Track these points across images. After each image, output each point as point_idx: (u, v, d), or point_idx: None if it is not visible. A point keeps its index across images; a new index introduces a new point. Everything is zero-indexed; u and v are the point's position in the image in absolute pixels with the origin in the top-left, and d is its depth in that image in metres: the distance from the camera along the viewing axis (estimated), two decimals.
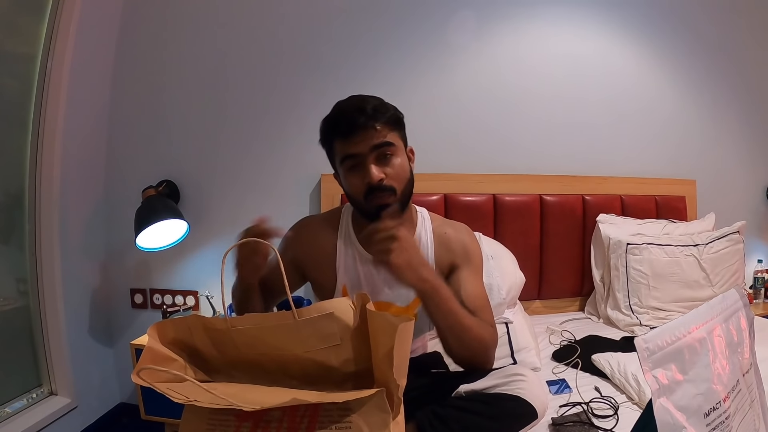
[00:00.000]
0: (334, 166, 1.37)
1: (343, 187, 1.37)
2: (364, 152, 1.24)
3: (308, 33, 2.56)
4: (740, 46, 3.15)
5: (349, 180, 1.29)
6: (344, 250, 1.39)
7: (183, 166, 2.54)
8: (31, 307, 2.24)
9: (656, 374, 0.61)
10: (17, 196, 2.19)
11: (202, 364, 0.80)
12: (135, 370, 0.72)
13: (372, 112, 1.24)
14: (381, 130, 1.24)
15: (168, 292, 2.55)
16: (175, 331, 0.77)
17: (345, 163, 1.28)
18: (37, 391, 2.24)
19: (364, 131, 1.23)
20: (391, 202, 1.26)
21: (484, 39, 2.74)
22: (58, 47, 2.16)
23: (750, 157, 3.25)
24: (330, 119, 1.31)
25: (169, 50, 2.51)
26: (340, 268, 1.39)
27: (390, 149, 1.27)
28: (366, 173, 1.24)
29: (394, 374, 0.68)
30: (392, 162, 1.27)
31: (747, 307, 0.83)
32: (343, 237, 1.40)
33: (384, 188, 1.25)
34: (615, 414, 1.52)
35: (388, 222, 1.14)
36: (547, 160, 2.81)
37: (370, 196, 1.26)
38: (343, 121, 1.26)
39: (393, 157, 1.28)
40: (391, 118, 1.28)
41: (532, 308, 2.70)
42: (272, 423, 0.71)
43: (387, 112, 1.27)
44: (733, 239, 2.65)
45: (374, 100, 1.28)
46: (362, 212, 1.34)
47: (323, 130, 1.34)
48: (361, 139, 1.24)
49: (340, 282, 1.38)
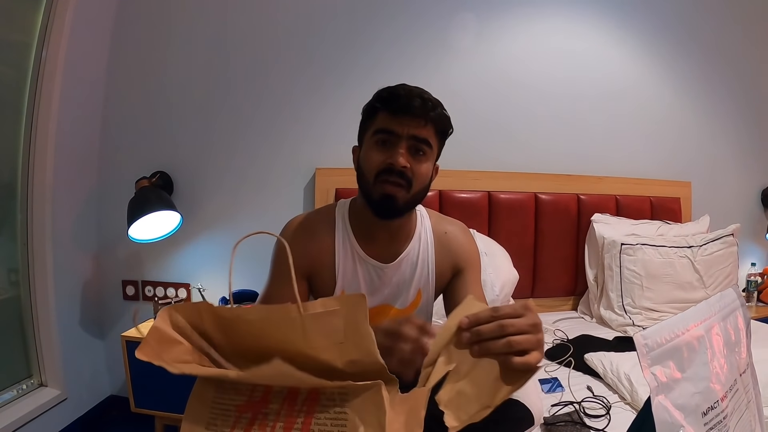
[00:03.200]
0: (362, 138, 1.30)
1: (358, 161, 1.30)
2: (402, 134, 1.18)
3: (304, 27, 2.55)
4: (737, 48, 3.16)
5: (371, 153, 1.22)
6: (343, 254, 1.33)
7: (177, 157, 2.52)
8: (22, 298, 2.23)
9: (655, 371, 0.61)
10: (10, 185, 2.16)
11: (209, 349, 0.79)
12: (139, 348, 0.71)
13: (430, 105, 1.19)
14: (427, 126, 1.20)
15: (160, 284, 2.53)
16: (186, 315, 0.76)
17: (377, 135, 1.21)
18: (26, 383, 2.22)
19: (413, 116, 1.17)
20: (399, 197, 1.20)
21: (480, 36, 2.73)
22: (54, 36, 2.14)
23: (745, 160, 3.26)
24: (387, 90, 1.23)
25: (165, 42, 2.49)
26: (339, 270, 1.33)
27: (425, 148, 1.21)
28: (393, 153, 1.18)
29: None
30: (421, 160, 1.22)
31: (744, 306, 0.83)
32: (341, 239, 1.34)
33: (403, 175, 1.19)
34: (607, 414, 1.52)
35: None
36: (542, 159, 2.81)
37: (383, 176, 1.19)
38: (400, 97, 1.19)
39: (424, 157, 1.22)
40: (442, 123, 1.24)
41: None
42: (270, 415, 0.71)
43: (442, 114, 1.22)
44: (727, 242, 2.66)
45: (436, 99, 1.23)
46: (366, 196, 1.26)
47: (375, 98, 1.25)
48: (407, 122, 1.18)
49: (339, 285, 1.33)
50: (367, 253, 1.33)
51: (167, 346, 0.74)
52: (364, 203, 1.27)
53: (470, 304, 0.80)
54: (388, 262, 1.33)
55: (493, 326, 0.74)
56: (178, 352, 0.75)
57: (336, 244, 1.33)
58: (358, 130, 1.32)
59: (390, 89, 1.22)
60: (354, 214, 1.36)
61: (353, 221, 1.35)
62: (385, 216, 1.25)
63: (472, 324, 0.76)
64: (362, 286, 1.34)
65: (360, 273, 1.34)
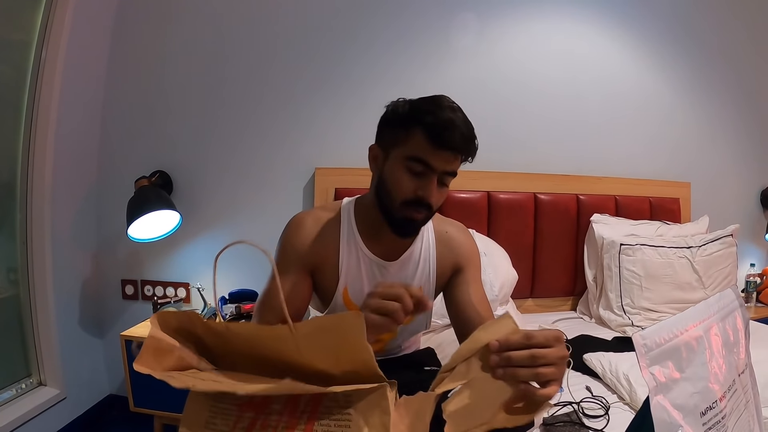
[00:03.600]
0: (388, 146, 1.24)
1: (382, 172, 1.25)
2: (438, 170, 1.16)
3: (304, 27, 2.55)
4: (738, 51, 3.16)
5: (401, 178, 1.18)
6: (347, 251, 1.32)
7: (177, 157, 2.52)
8: (21, 297, 2.23)
9: (653, 371, 0.61)
10: (9, 184, 2.17)
11: (206, 352, 0.79)
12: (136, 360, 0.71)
13: (470, 144, 1.17)
14: (459, 162, 1.19)
15: (159, 284, 2.53)
16: (178, 320, 0.76)
17: (412, 163, 1.17)
18: (26, 382, 2.22)
19: (453, 154, 1.15)
20: (420, 220, 1.22)
21: (480, 36, 2.73)
22: (54, 35, 2.15)
23: (744, 161, 3.27)
24: (434, 114, 1.15)
25: (165, 41, 2.49)
26: (343, 269, 1.32)
27: (451, 179, 1.22)
28: (426, 188, 1.16)
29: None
30: (444, 190, 1.22)
31: (743, 307, 0.83)
32: (345, 236, 1.33)
33: (428, 207, 1.19)
34: (606, 414, 1.52)
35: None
36: (542, 159, 2.81)
37: (410, 206, 1.19)
38: (447, 131, 1.13)
39: (447, 186, 1.23)
40: (473, 153, 1.21)
41: (524, 307, 2.70)
42: (272, 415, 0.70)
43: (475, 144, 1.19)
44: (727, 242, 2.66)
45: (468, 120, 1.18)
46: (386, 212, 1.24)
47: (413, 116, 1.18)
48: (446, 159, 1.15)
49: (342, 281, 1.33)
50: (371, 251, 1.32)
51: (165, 353, 0.73)
52: (377, 211, 1.26)
53: (504, 324, 0.79)
54: (391, 259, 1.34)
55: (525, 355, 0.75)
56: (177, 357, 0.75)
57: (341, 241, 1.33)
58: (383, 132, 1.26)
59: (437, 114, 1.14)
60: (360, 213, 1.35)
61: (359, 219, 1.34)
62: (404, 236, 1.26)
63: (503, 348, 0.75)
64: (365, 283, 1.33)
65: (363, 270, 1.33)
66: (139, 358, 0.70)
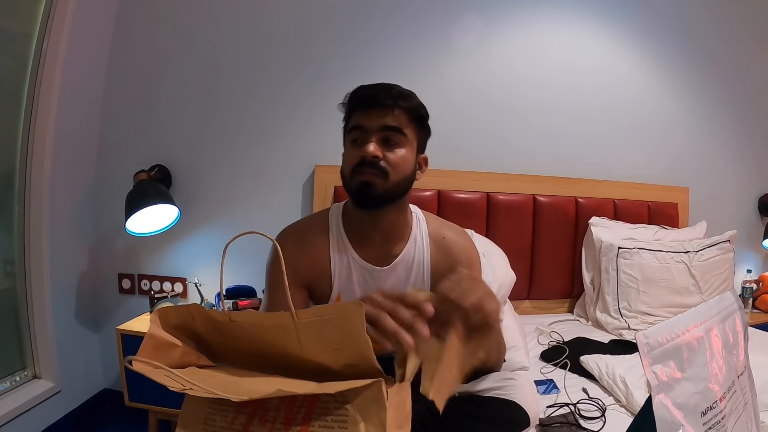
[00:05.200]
0: (344, 138, 1.31)
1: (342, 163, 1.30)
2: (372, 128, 1.18)
3: (303, 24, 2.55)
4: (740, 58, 3.17)
5: (347, 152, 1.24)
6: (338, 258, 1.32)
7: (176, 151, 2.52)
8: (18, 290, 2.22)
9: (655, 370, 0.61)
10: (7, 176, 2.16)
11: (205, 349, 0.79)
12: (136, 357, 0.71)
13: (396, 95, 1.19)
14: (398, 116, 1.19)
15: (156, 278, 2.53)
16: (178, 316, 0.76)
17: (351, 134, 1.23)
18: (20, 374, 2.22)
19: (380, 108, 1.18)
20: (376, 183, 1.19)
21: (481, 38, 2.73)
22: (55, 28, 2.14)
23: (744, 167, 3.28)
24: (355, 90, 1.26)
25: (165, 36, 2.49)
26: (335, 275, 1.32)
27: (398, 137, 1.20)
28: (364, 147, 1.18)
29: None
30: (396, 150, 1.20)
31: (742, 309, 0.83)
32: (335, 242, 1.33)
33: (376, 166, 1.18)
34: (602, 416, 1.52)
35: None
36: (541, 161, 2.81)
37: (358, 169, 1.19)
38: (365, 93, 1.22)
39: (398, 146, 1.21)
40: (413, 110, 1.23)
41: (521, 308, 2.70)
42: (270, 412, 0.70)
43: (411, 101, 1.22)
44: (724, 248, 2.67)
45: (405, 90, 1.24)
46: (348, 190, 1.26)
47: (346, 99, 1.28)
48: (375, 115, 1.19)
49: (335, 289, 1.33)
50: (362, 256, 1.32)
51: (164, 351, 0.73)
52: (359, 211, 1.27)
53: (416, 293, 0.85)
54: (383, 265, 1.33)
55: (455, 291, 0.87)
56: (176, 355, 0.75)
57: (331, 249, 1.32)
58: (343, 135, 1.32)
59: (359, 87, 1.25)
60: (347, 218, 1.35)
61: (347, 224, 1.34)
62: (367, 205, 1.24)
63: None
64: (356, 290, 1.33)
65: (355, 277, 1.33)
66: (138, 356, 0.70)
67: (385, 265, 1.33)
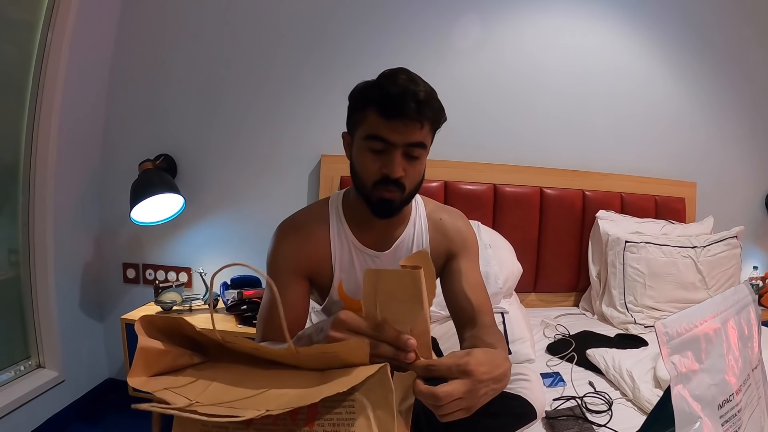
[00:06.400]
0: (351, 130, 1.23)
1: (351, 157, 1.25)
2: (398, 143, 1.13)
3: (311, 11, 2.54)
4: (749, 53, 3.14)
5: (366, 160, 1.17)
6: (339, 245, 1.32)
7: (182, 140, 2.51)
8: (22, 279, 2.22)
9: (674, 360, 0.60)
10: (12, 166, 2.15)
11: (199, 348, 0.77)
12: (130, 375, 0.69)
13: (422, 102, 1.10)
14: (423, 129, 1.13)
15: (161, 268, 2.53)
16: (164, 322, 0.74)
17: (370, 141, 1.15)
18: (24, 364, 2.22)
19: (409, 122, 1.10)
20: (396, 200, 1.18)
21: (488, 29, 2.71)
22: (60, 17, 2.13)
23: (751, 163, 3.25)
24: (378, 88, 1.13)
25: (171, 24, 2.48)
26: (336, 264, 1.32)
27: (420, 151, 1.16)
28: (389, 164, 1.13)
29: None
30: (416, 163, 1.17)
31: (755, 302, 0.82)
32: (336, 230, 1.33)
33: (398, 184, 1.16)
34: (609, 410, 1.51)
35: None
36: (549, 153, 2.80)
37: (380, 186, 1.16)
38: (391, 100, 1.09)
39: (419, 159, 1.18)
40: (436, 117, 1.16)
41: (527, 301, 2.69)
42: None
43: (434, 107, 1.14)
44: (731, 243, 2.65)
45: (426, 86, 1.13)
46: (363, 196, 1.23)
47: (363, 94, 1.17)
48: (402, 130, 1.11)
49: (336, 275, 1.33)
50: (362, 242, 1.32)
51: (155, 359, 0.71)
52: (359, 198, 1.25)
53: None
54: (383, 250, 1.33)
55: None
56: (168, 361, 0.73)
57: (331, 236, 1.32)
58: (348, 117, 1.24)
59: (380, 87, 1.13)
60: (348, 205, 1.34)
61: (347, 212, 1.34)
62: (383, 217, 1.24)
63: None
64: (358, 275, 1.33)
65: (356, 263, 1.33)
66: (132, 372, 0.69)
67: (385, 249, 1.33)
